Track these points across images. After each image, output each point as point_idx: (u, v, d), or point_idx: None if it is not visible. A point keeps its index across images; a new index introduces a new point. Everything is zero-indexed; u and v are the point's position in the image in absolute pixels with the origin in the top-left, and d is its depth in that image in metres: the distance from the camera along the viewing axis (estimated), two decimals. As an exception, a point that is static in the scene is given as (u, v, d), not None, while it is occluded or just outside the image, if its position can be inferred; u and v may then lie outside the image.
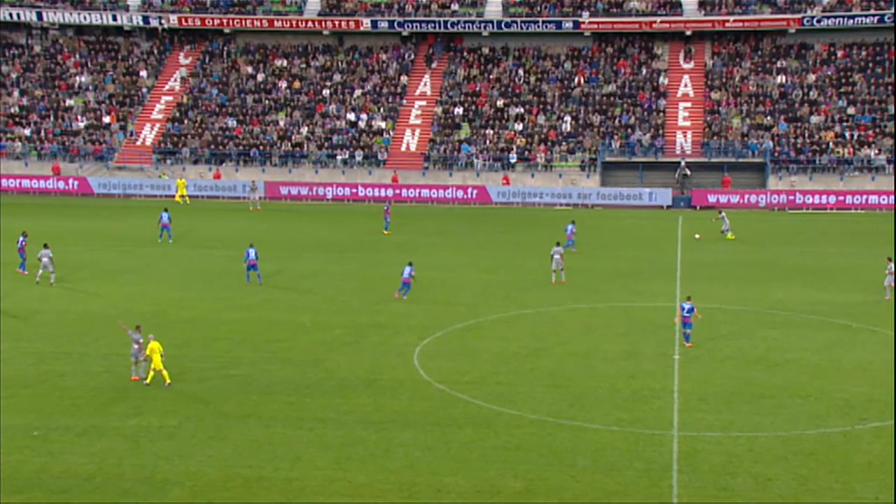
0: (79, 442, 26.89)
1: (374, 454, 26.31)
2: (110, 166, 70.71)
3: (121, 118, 74.26)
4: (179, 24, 77.94)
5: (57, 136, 72.64)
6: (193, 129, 73.14)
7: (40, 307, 39.82)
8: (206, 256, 48.82)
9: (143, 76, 77.20)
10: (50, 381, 31.53)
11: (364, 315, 39.22)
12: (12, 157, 71.22)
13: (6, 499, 23.71)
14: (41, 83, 76.72)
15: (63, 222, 58.17)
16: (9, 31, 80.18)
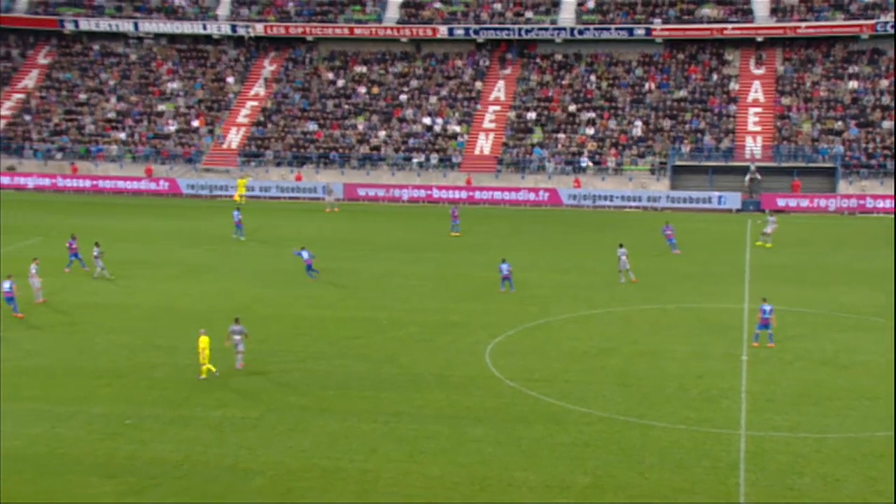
0: (167, 431, 27.43)
1: (446, 448, 26.38)
2: (198, 168, 71.90)
3: (209, 122, 75.48)
4: (265, 32, 78.97)
5: (150, 139, 74.09)
6: (277, 132, 74.03)
7: (133, 302, 40.67)
8: (287, 255, 49.31)
9: (230, 82, 78.39)
10: (141, 372, 32.21)
11: (438, 314, 39.33)
12: (109, 159, 72.83)
13: (101, 483, 24.30)
14: (136, 89, 78.31)
15: (153, 221, 59.31)
16: (108, 40, 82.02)
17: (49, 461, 25.41)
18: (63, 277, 44.57)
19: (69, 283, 43.81)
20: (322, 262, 47.63)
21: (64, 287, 43.01)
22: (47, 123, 75.40)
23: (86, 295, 41.67)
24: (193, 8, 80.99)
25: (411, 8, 79.24)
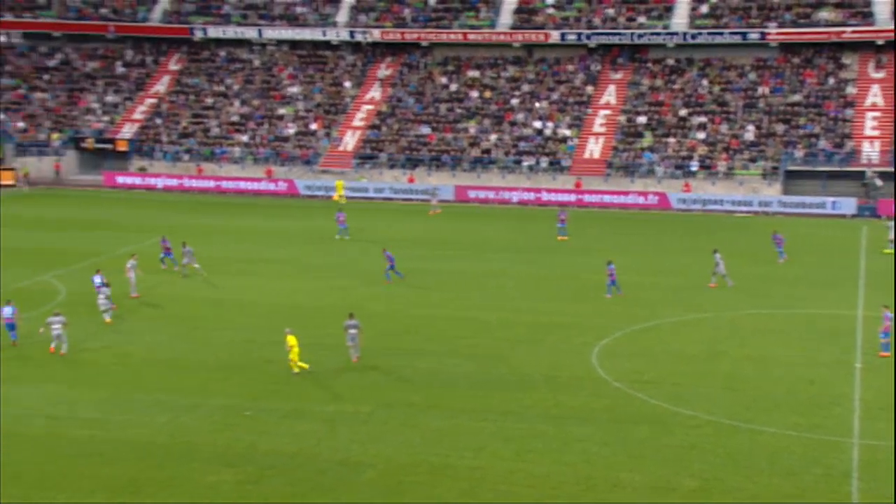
0: (283, 423, 27.96)
1: (552, 447, 26.22)
2: (315, 169, 73.10)
3: (326, 125, 76.69)
4: (381, 38, 79.85)
5: (270, 142, 75.71)
6: (391, 135, 74.78)
7: (251, 299, 41.57)
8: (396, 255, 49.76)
9: (347, 87, 79.49)
10: (258, 366, 32.91)
11: (545, 315, 39.12)
12: (232, 160, 74.69)
13: (221, 471, 24.91)
14: (258, 94, 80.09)
15: (272, 221, 60.50)
16: (234, 47, 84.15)
17: (173, 449, 26.17)
18: (187, 276, 45.81)
19: (196, 281, 45.02)
20: (431, 263, 47.98)
21: (188, 284, 44.23)
22: (176, 126, 77.75)
23: (207, 291, 42.77)
24: (314, 15, 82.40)
25: (524, 13, 79.04)
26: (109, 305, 37.83)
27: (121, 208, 64.01)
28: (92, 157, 76.57)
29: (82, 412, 28.56)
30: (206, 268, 46.24)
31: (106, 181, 72.99)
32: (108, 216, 60.89)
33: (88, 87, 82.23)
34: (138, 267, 42.01)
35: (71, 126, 78.31)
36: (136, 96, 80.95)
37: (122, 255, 48.45)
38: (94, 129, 77.91)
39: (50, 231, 55.50)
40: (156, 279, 44.56)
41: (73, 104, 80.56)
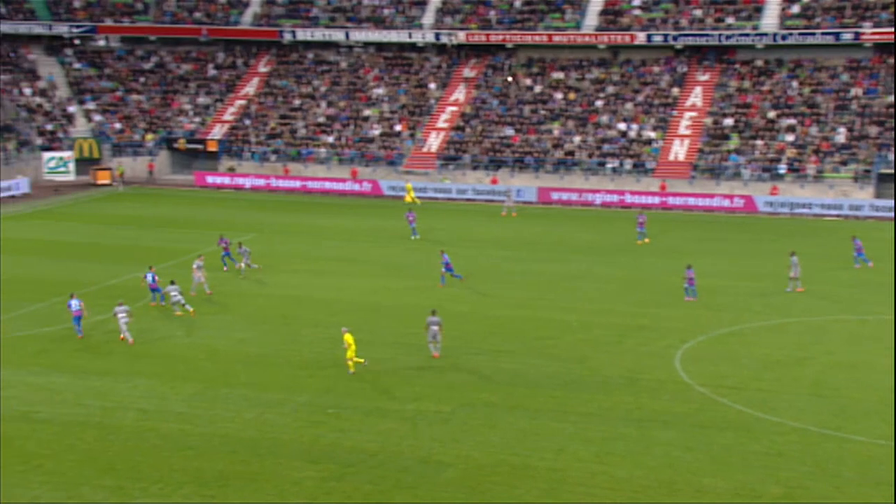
0: (366, 421, 28.21)
1: (634, 451, 25.97)
2: (399, 170, 73.59)
3: (411, 127, 77.14)
4: (466, 40, 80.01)
5: (355, 142, 76.47)
6: (474, 137, 74.88)
7: (336, 297, 42.02)
8: (477, 256, 49.91)
9: (432, 88, 79.83)
10: (343, 364, 33.22)
11: (627, 317, 38.75)
12: (318, 161, 75.66)
13: (305, 467, 25.26)
14: (345, 95, 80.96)
15: (356, 221, 61.05)
16: (321, 49, 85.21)
17: (259, 444, 26.61)
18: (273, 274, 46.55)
19: (281, 279, 45.69)
20: (512, 264, 47.91)
21: (277, 283, 44.90)
22: (264, 128, 79.04)
23: (293, 289, 43.37)
24: (400, 18, 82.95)
25: (610, 15, 78.40)
26: (180, 299, 38.50)
27: (210, 207, 65.33)
28: (183, 157, 78.33)
29: (172, 406, 29.23)
30: (293, 266, 46.88)
31: (196, 181, 74.57)
32: (197, 215, 62.20)
33: (181, 89, 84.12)
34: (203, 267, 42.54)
35: (164, 127, 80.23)
36: (226, 98, 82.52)
37: (212, 252, 49.43)
38: (186, 129, 79.69)
39: (143, 229, 56.91)
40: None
41: (166, 106, 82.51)
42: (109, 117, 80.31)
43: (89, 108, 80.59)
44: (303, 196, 70.90)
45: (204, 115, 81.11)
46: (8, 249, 50.45)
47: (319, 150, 76.18)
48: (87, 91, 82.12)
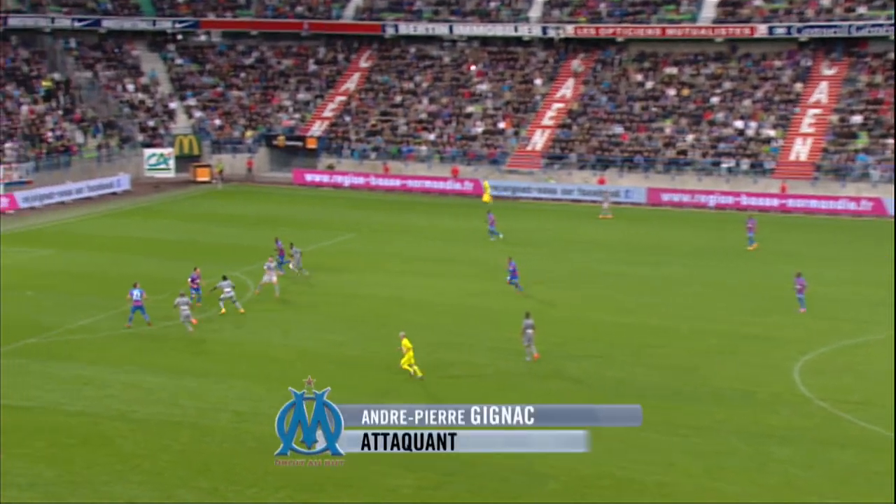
0: (464, 427, 28.20)
1: (748, 467, 25.39)
2: (502, 170, 73.58)
3: (515, 124, 77.05)
4: (574, 34, 79.58)
5: (457, 140, 76.74)
6: (581, 135, 74.38)
7: (433, 299, 42.19)
8: (581, 259, 49.54)
9: (538, 84, 79.62)
10: (439, 368, 33.34)
11: (741, 325, 37.94)
12: (418, 159, 76.18)
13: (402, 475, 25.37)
14: (447, 91, 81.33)
15: (456, 221, 61.23)
16: (424, 43, 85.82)
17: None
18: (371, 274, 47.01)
19: (378, 280, 46.10)
20: (617, 267, 47.47)
21: (374, 283, 45.34)
22: (364, 124, 79.93)
23: (392, 290, 43.72)
24: (506, 11, 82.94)
25: (728, 6, 76.99)
26: (231, 295, 39.12)
27: (308, 206, 66.37)
28: (282, 155, 79.73)
29: (267, 408, 29.68)
30: (390, 266, 47.27)
31: (295, 178, 75.85)
32: (296, 213, 63.25)
33: (281, 84, 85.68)
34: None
35: (264, 123, 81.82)
36: (326, 94, 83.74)
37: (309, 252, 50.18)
38: (286, 126, 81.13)
39: (241, 227, 58.14)
40: (339, 278, 45.95)
41: (266, 102, 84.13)
42: (210, 113, 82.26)
43: (190, 104, 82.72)
44: (402, 195, 71.47)
45: (304, 112, 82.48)
46: (107, 247, 52.12)
47: (420, 147, 76.67)
48: (188, 87, 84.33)
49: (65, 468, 25.34)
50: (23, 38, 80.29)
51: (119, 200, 67.27)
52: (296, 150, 78.98)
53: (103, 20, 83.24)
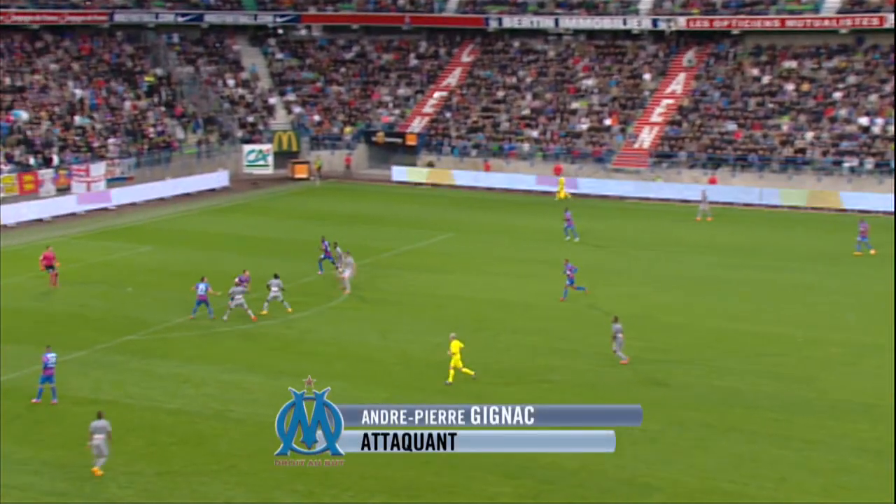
0: (565, 435, 28.13)
1: (869, 486, 24.77)
2: (607, 168, 73.01)
3: (622, 121, 76.40)
4: (687, 26, 78.52)
5: (561, 137, 76.42)
6: (692, 132, 73.35)
7: (535, 301, 42.11)
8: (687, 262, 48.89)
9: (647, 79, 78.79)
10: (541, 373, 33.35)
11: (862, 334, 36.99)
12: (520, 157, 76.08)
13: (500, 482, 25.48)
14: (551, 87, 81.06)
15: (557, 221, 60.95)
16: (528, 37, 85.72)
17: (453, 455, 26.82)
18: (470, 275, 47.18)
19: (478, 281, 46.21)
20: (729, 272, 46.74)
21: (473, 285, 45.48)
22: (465, 121, 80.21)
23: (492, 291, 43.81)
24: (615, 3, 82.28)
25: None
26: (278, 296, 39.69)
27: (406, 204, 66.87)
28: (381, 151, 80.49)
29: (364, 410, 30.04)
30: (490, 267, 47.39)
31: (394, 176, 76.44)
32: (394, 212, 63.78)
33: (381, 79, 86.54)
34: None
35: (363, 119, 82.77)
36: (427, 89, 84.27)
37: (407, 252, 50.75)
38: (385, 122, 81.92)
39: (338, 225, 58.87)
40: (437, 278, 46.24)
41: (366, 97, 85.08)
42: (309, 109, 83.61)
43: (289, 99, 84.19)
44: (504, 193, 71.49)
45: (404, 108, 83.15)
46: (205, 244, 53.39)
47: (522, 144, 76.59)
48: (287, 82, 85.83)
49: (163, 466, 26.11)
50: (128, 34, 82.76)
51: (217, 197, 68.83)
52: (395, 146, 79.67)
53: (205, 15, 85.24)
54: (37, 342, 35.39)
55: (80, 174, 63.46)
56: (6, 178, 60.11)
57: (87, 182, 63.52)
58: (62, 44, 77.54)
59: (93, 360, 34.33)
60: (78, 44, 78.46)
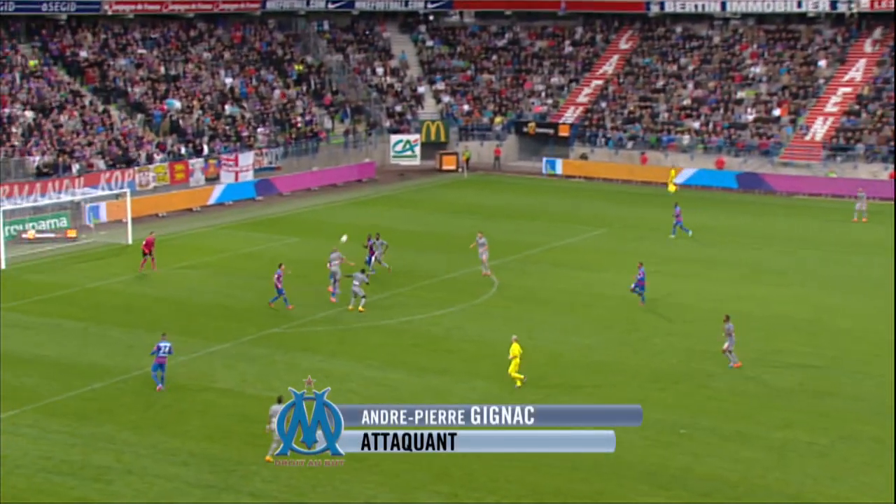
0: (724, 447, 27.63)
1: None
2: (775, 162, 71.11)
3: (792, 111, 74.25)
4: (871, 7, 75.63)
5: (725, 129, 74.76)
6: (871, 123, 70.74)
7: (692, 303, 41.41)
8: (861, 263, 47.27)
9: (822, 66, 76.35)
10: (698, 379, 32.79)
11: None
12: (680, 149, 74.78)
13: (652, 492, 25.21)
14: (715, 74, 79.39)
15: (720, 217, 59.79)
16: (691, 22, 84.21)
17: (602, 462, 26.81)
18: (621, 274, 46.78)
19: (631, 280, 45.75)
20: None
21: (625, 284, 45.08)
22: (622, 111, 79.39)
23: (645, 291, 43.32)
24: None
25: None
26: (359, 292, 39.96)
27: (558, 198, 66.62)
28: (532, 143, 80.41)
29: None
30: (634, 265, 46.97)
31: (545, 168, 76.22)
32: (544, 206, 63.62)
33: (534, 67, 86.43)
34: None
35: (514, 109, 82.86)
36: (582, 78, 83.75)
37: (557, 247, 50.59)
38: (537, 112, 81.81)
39: (485, 219, 59.13)
40: (587, 276, 45.96)
41: (518, 86, 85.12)
42: (458, 98, 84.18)
43: (439, 88, 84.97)
44: (658, 188, 70.57)
45: (556, 97, 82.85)
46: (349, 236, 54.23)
47: (682, 136, 75.30)
48: (437, 70, 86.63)
49: (313, 473, 26.56)
50: (279, 22, 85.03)
51: (363, 188, 70.04)
52: (547, 137, 79.47)
53: (356, 2, 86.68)
54: (182, 332, 36.85)
55: (228, 163, 65.56)
56: (158, 167, 62.72)
57: (236, 171, 65.57)
58: (215, 32, 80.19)
59: (238, 353, 35.44)
60: (230, 32, 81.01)
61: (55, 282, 44.89)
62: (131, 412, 30.11)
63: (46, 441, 27.98)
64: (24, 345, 36.14)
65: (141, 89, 69.60)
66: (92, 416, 29.77)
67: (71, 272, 46.82)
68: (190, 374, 33.25)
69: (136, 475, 25.98)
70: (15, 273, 46.30)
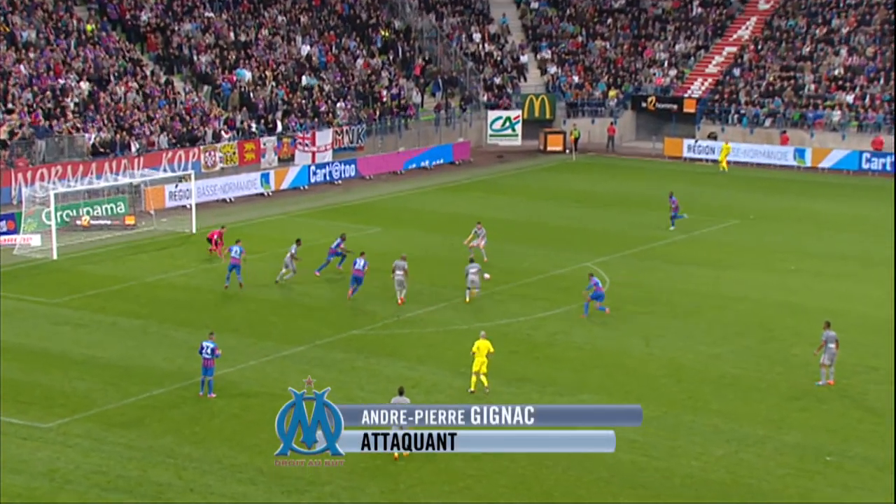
0: (877, 477, 27.25)
1: None
2: (945, 141, 69.46)
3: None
4: None
5: (885, 103, 73.03)
6: None
7: (841, 307, 40.61)
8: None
9: None
10: (848, 396, 32.30)
11: None
12: (829, 128, 73.20)
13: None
14: (875, 38, 77.46)
15: (879, 208, 58.56)
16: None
17: (730, 490, 26.56)
18: (756, 272, 46.14)
19: (766, 280, 45.11)
20: None
21: (761, 284, 44.44)
22: (759, 83, 78.17)
23: (784, 293, 42.74)
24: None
25: None
26: (476, 281, 40.82)
27: (681, 184, 65.59)
28: (652, 120, 79.70)
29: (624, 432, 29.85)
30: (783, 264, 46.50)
31: (667, 150, 75.46)
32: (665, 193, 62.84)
33: (656, 33, 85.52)
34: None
35: (631, 82, 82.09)
36: (712, 44, 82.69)
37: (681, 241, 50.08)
38: (658, 85, 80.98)
39: (595, 208, 58.80)
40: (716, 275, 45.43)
41: (636, 54, 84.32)
42: (567, 69, 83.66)
43: (544, 57, 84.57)
44: (804, 173, 69.38)
45: (682, 67, 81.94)
46: (439, 226, 54.20)
47: (832, 112, 73.81)
48: (543, 36, 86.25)
49: (388, 483, 26.88)
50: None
51: (457, 171, 70.13)
52: (669, 114, 78.70)
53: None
54: (252, 333, 37.38)
55: (304, 143, 66.05)
56: (226, 146, 63.01)
57: (312, 152, 66.11)
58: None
59: (313, 357, 35.76)
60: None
61: (111, 274, 45.76)
62: (194, 423, 30.56)
63: (100, 453, 28.48)
64: (76, 345, 36.91)
65: (208, 58, 70.50)
66: (150, 426, 30.28)
67: (128, 264, 47.70)
68: (260, 379, 33.65)
69: (199, 493, 26.36)
70: (67, 264, 47.34)
